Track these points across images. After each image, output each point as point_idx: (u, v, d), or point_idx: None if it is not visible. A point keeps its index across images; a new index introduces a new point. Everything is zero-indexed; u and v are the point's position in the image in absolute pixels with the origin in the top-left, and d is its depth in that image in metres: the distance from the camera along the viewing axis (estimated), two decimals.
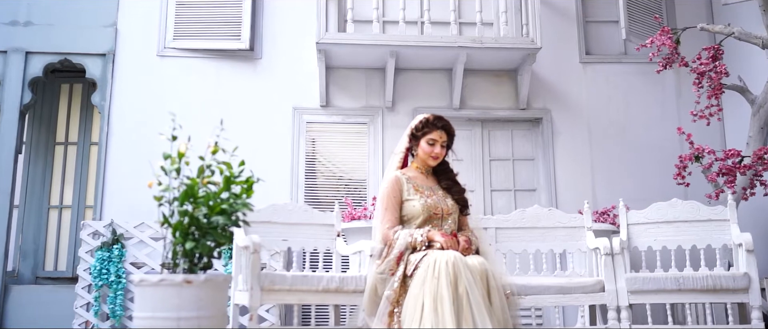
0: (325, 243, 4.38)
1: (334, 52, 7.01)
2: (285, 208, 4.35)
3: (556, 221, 4.44)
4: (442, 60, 7.21)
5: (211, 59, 7.36)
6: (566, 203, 7.18)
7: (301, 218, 4.37)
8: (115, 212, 6.71)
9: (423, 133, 3.84)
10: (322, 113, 7.34)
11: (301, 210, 4.41)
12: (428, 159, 3.86)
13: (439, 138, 3.82)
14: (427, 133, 3.83)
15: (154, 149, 7.21)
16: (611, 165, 7.38)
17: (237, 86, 7.32)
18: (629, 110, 7.56)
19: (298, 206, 4.41)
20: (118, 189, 6.90)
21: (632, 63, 7.64)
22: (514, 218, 4.47)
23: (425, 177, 3.95)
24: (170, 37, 7.35)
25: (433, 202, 3.78)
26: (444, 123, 3.83)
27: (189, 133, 6.74)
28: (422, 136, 3.84)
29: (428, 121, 3.84)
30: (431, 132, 3.82)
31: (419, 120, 3.88)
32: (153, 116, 7.10)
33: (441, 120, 3.83)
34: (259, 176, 7.00)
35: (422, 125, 3.84)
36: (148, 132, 7.01)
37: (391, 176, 3.88)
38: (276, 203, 4.37)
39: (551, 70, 7.56)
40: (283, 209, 4.35)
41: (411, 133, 3.91)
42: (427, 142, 3.83)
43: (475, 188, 7.33)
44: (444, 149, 3.89)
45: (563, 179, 7.32)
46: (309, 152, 7.29)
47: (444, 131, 3.83)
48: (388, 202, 3.80)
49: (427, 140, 3.82)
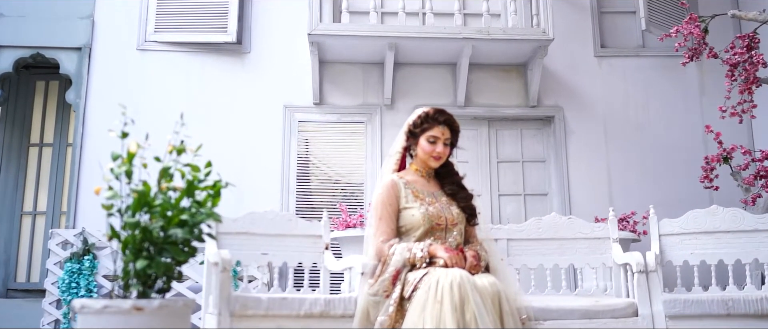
0: (312, 257, 3.81)
1: (328, 45, 6.45)
2: (265, 217, 3.78)
3: (576, 232, 3.86)
4: (446, 53, 6.65)
5: (195, 53, 6.81)
6: (580, 208, 6.61)
7: (284, 229, 3.80)
8: (89, 220, 6.15)
9: (422, 129, 3.30)
10: (316, 112, 6.78)
11: (284, 219, 3.84)
12: (429, 160, 3.32)
13: (442, 135, 3.28)
14: (427, 129, 3.29)
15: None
16: (629, 167, 6.80)
17: (223, 83, 6.77)
18: (648, 108, 6.98)
19: (280, 215, 3.84)
20: (93, 195, 6.34)
21: (651, 56, 7.07)
22: (528, 227, 3.89)
23: (426, 181, 3.39)
24: (151, 30, 6.80)
25: (436, 210, 3.23)
26: (446, 117, 3.29)
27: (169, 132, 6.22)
28: (421, 133, 3.30)
29: (428, 115, 3.30)
30: (432, 128, 3.28)
31: (418, 115, 3.34)
32: (132, 115, 6.53)
33: (443, 114, 3.29)
34: (246, 180, 6.48)
35: (421, 121, 3.30)
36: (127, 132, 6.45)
37: (387, 180, 3.33)
38: (254, 212, 3.80)
39: (564, 64, 7.00)
40: (263, 218, 3.78)
41: (408, 130, 3.37)
42: (427, 140, 3.29)
43: (481, 192, 6.76)
44: (447, 147, 3.34)
45: (577, 182, 6.75)
46: (301, 154, 6.73)
47: (447, 126, 3.30)
48: (383, 211, 3.25)
49: (427, 138, 3.29)
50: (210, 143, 6.77)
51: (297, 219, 3.92)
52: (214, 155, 6.01)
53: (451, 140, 3.35)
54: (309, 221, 3.93)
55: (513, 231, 3.93)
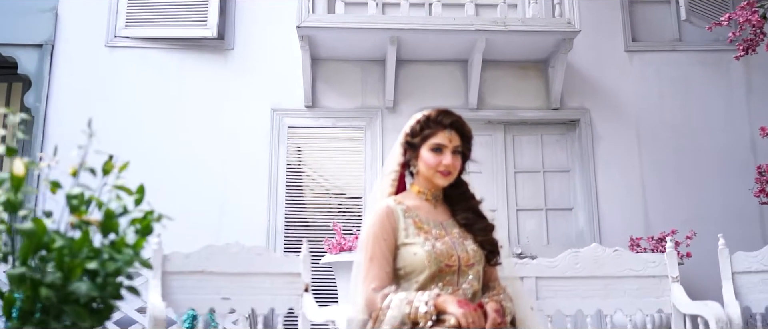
0: (287, 301, 3.00)
1: (320, 40, 5.64)
2: (226, 251, 2.97)
3: (625, 268, 3.03)
4: (456, 48, 5.83)
5: (171, 50, 6.01)
6: (611, 225, 5.79)
7: (251, 266, 2.99)
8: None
9: (423, 137, 2.52)
10: (308, 116, 5.96)
11: (252, 254, 3.03)
12: (435, 176, 2.51)
13: (448, 142, 2.48)
14: (430, 136, 2.51)
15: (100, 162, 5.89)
16: (666, 177, 5.95)
17: (203, 83, 5.97)
18: (687, 109, 6.12)
19: (246, 248, 3.03)
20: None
21: (690, 51, 6.23)
22: (563, 263, 3.06)
23: (432, 207, 2.60)
24: (122, 24, 6.01)
25: (445, 247, 2.44)
26: (454, 119, 2.49)
27: (143, 140, 5.42)
28: (422, 142, 2.52)
29: (429, 119, 2.51)
30: (435, 134, 2.49)
31: (416, 120, 2.56)
32: (99, 120, 5.74)
33: (448, 115, 2.48)
34: (229, 193, 5.59)
35: (421, 126, 2.51)
36: (93, 140, 5.66)
37: (380, 207, 2.53)
38: (213, 245, 2.99)
39: (590, 60, 6.16)
40: (224, 253, 2.97)
41: (405, 140, 2.59)
42: (430, 150, 2.50)
43: (496, 206, 5.92)
44: (458, 158, 2.51)
45: (607, 195, 5.90)
46: (293, 164, 5.91)
47: (454, 131, 2.49)
48: (375, 248, 2.45)
49: (429, 147, 2.50)
50: (187, 151, 6.02)
51: (267, 253, 3.10)
52: (192, 166, 5.22)
53: (462, 149, 2.54)
54: (285, 256, 3.11)
55: (543, 268, 3.09)
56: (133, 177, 5.17)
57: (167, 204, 5.22)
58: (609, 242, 5.61)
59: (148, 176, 5.26)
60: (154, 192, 5.08)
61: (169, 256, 2.95)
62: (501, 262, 2.64)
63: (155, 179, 5.75)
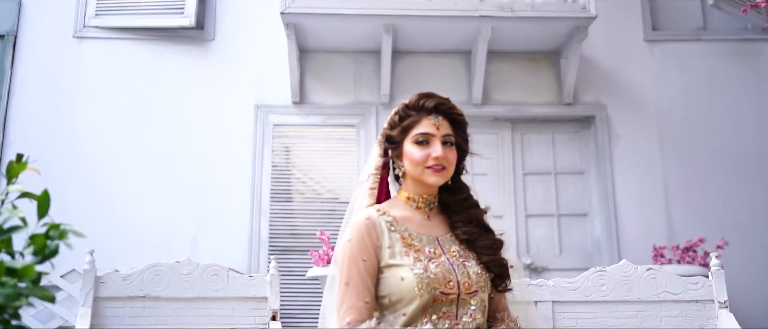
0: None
1: (308, 28, 5.11)
2: (176, 271, 2.44)
3: (662, 290, 2.48)
4: (458, 37, 5.30)
5: (145, 41, 5.49)
6: (630, 233, 5.24)
7: (207, 289, 2.46)
8: None
9: (404, 129, 2.01)
10: (296, 113, 5.42)
11: (208, 275, 2.49)
12: (424, 174, 1.98)
13: (436, 129, 1.98)
14: (412, 126, 2.00)
15: (67, 163, 5.42)
16: (691, 180, 5.39)
17: (180, 77, 5.44)
18: (713, 104, 5.56)
19: (200, 268, 2.49)
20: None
21: (716, 40, 5.67)
22: (585, 284, 2.51)
23: (425, 217, 2.09)
24: (91, 13, 5.48)
25: (441, 270, 1.91)
26: (438, 102, 2.00)
27: (113, 139, 4.89)
28: (404, 134, 2.03)
29: (409, 105, 2.02)
30: (418, 122, 2.00)
31: (395, 110, 2.05)
32: (67, 117, 5.25)
33: (431, 97, 2.00)
34: (208, 198, 5.10)
35: (400, 116, 2.02)
36: (61, 139, 5.18)
37: (359, 219, 1.99)
38: (160, 263, 2.45)
39: (607, 51, 5.61)
40: (173, 273, 2.43)
41: (385, 135, 2.07)
42: (414, 142, 1.99)
43: (503, 212, 5.37)
44: (452, 150, 2.00)
45: (625, 199, 5.34)
46: (279, 165, 5.37)
47: (442, 116, 2.00)
48: (352, 271, 1.91)
49: (413, 139, 2.00)
50: (163, 151, 5.49)
51: (226, 272, 2.55)
52: (167, 168, 4.68)
53: (456, 139, 2.01)
54: (248, 278, 2.56)
55: (561, 291, 2.54)
56: (105, 180, 4.56)
57: (139, 211, 4.68)
58: (629, 252, 5.08)
59: (119, 179, 4.73)
60: (125, 197, 4.52)
61: (103, 278, 2.42)
62: (511, 287, 2.11)
63: (126, 182, 5.25)
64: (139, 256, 4.76)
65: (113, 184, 5.12)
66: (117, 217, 5.03)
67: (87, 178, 5.12)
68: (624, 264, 2.56)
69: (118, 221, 5.01)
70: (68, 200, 5.00)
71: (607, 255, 5.19)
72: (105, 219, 5.00)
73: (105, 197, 5.08)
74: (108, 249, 4.89)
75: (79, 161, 5.16)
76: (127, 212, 5.05)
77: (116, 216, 5.04)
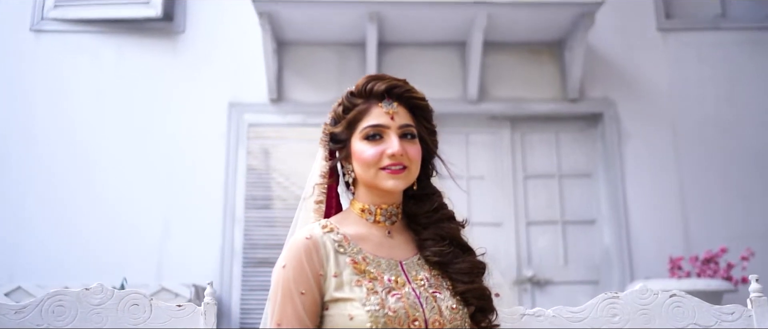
0: None
1: (285, 18, 4.64)
2: (84, 300, 1.94)
3: (689, 321, 1.96)
4: (451, 27, 4.82)
5: (109, 34, 5.02)
6: (643, 242, 4.76)
7: (122, 322, 1.96)
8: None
9: (350, 122, 1.60)
10: (273, 111, 4.94)
11: (126, 304, 1.99)
12: (378, 178, 1.56)
13: (390, 118, 1.55)
14: (360, 118, 1.59)
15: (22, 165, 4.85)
16: (710, 183, 4.89)
17: (147, 72, 4.98)
18: (734, 99, 5.06)
19: (115, 296, 1.99)
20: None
21: (737, 29, 5.18)
22: (593, 313, 2.00)
23: (384, 234, 1.63)
24: (50, 4, 5.03)
25: (404, 305, 1.47)
26: (391, 84, 1.57)
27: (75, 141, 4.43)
28: (351, 129, 1.60)
29: (356, 91, 1.60)
30: (367, 112, 1.57)
31: (338, 100, 1.65)
32: (23, 116, 4.81)
33: (381, 80, 1.57)
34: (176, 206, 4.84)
35: (345, 107, 1.61)
36: (16, 139, 4.73)
37: (298, 239, 1.56)
38: (64, 291, 1.93)
39: (615, 41, 5.12)
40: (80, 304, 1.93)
41: (328, 133, 1.67)
42: (363, 138, 1.58)
43: (502, 219, 4.88)
44: (414, 144, 1.57)
45: (637, 205, 4.84)
46: (256, 169, 4.89)
47: (397, 101, 1.58)
48: (285, 307, 1.48)
49: (363, 134, 1.58)
50: (126, 153, 4.98)
51: (151, 302, 2.04)
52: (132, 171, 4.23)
53: (418, 130, 1.57)
54: (176, 308, 2.05)
55: (563, 322, 2.02)
56: (63, 186, 4.05)
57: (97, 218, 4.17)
58: (642, 264, 4.59)
59: (81, 184, 4.23)
60: (83, 201, 3.98)
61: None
62: (497, 323, 1.64)
63: (88, 187, 4.77)
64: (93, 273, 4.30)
65: (71, 188, 4.65)
66: (71, 224, 4.57)
67: (42, 181, 4.65)
68: (641, 289, 2.05)
69: (72, 230, 4.55)
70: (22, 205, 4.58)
71: (617, 266, 4.69)
72: (58, 227, 4.55)
73: (59, 204, 4.61)
74: (59, 260, 4.45)
75: (34, 162, 4.70)
76: (84, 219, 4.57)
77: (71, 224, 4.57)
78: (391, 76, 1.59)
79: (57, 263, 4.44)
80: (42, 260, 4.45)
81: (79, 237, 4.55)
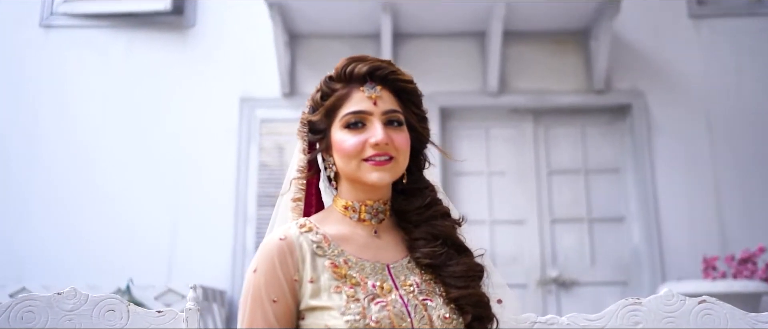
0: None
1: (296, 9, 4.48)
2: (56, 305, 1.77)
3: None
4: (469, 16, 4.61)
5: (118, 29, 4.92)
6: (675, 241, 4.51)
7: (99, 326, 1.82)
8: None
9: (329, 110, 1.42)
10: (286, 106, 4.79)
11: (101, 309, 1.82)
12: (361, 170, 1.37)
13: (374, 105, 1.37)
14: (340, 104, 1.41)
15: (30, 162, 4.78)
16: (747, 178, 4.61)
17: (157, 67, 4.87)
18: None
19: (89, 301, 1.83)
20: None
21: None
22: (612, 321, 1.79)
23: (370, 234, 1.44)
24: (59, 0, 4.92)
25: (388, 315, 1.27)
26: (373, 66, 1.40)
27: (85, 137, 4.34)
28: (330, 117, 1.43)
29: (335, 75, 1.44)
30: (348, 97, 1.39)
31: (316, 86, 1.48)
32: (32, 112, 4.72)
33: (362, 62, 1.41)
34: (185, 204, 4.70)
35: (323, 93, 1.44)
36: (24, 136, 4.65)
37: (271, 240, 1.36)
38: (34, 296, 1.76)
39: (644, 29, 4.86)
40: (52, 309, 1.77)
41: (306, 122, 1.49)
42: (343, 126, 1.39)
43: (526, 217, 4.66)
44: (402, 131, 1.39)
45: (669, 201, 4.58)
46: (268, 165, 4.75)
47: (380, 84, 1.39)
48: (254, 318, 1.30)
49: (343, 122, 1.39)
50: (136, 150, 4.85)
51: (128, 308, 1.88)
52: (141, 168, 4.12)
53: (405, 116, 1.40)
54: (155, 314, 1.89)
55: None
56: (69, 185, 3.93)
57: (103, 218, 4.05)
58: (673, 264, 4.33)
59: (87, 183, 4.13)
60: (92, 204, 3.87)
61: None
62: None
63: (95, 186, 4.66)
64: (100, 274, 4.19)
65: (77, 187, 4.56)
66: (78, 224, 4.47)
67: (48, 180, 4.57)
68: (667, 294, 1.83)
69: (79, 230, 4.45)
70: (28, 205, 4.49)
71: (647, 267, 4.44)
72: (65, 227, 4.46)
73: (65, 203, 4.52)
74: (66, 261, 4.35)
75: (40, 162, 4.61)
76: (91, 219, 4.47)
77: (77, 223, 4.47)
78: (374, 58, 1.42)
79: (63, 264, 4.34)
80: (48, 261, 4.36)
81: (86, 237, 4.45)
